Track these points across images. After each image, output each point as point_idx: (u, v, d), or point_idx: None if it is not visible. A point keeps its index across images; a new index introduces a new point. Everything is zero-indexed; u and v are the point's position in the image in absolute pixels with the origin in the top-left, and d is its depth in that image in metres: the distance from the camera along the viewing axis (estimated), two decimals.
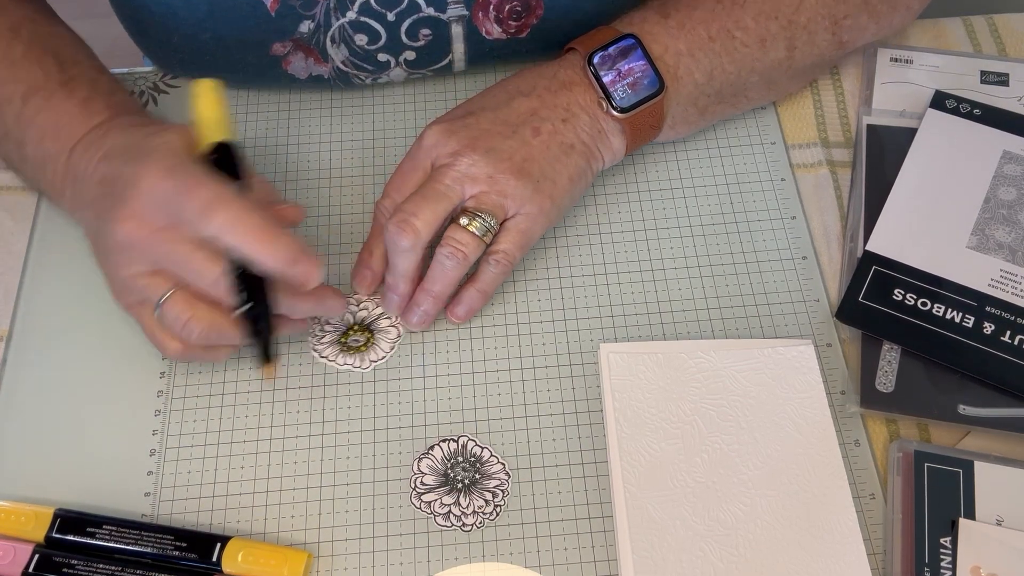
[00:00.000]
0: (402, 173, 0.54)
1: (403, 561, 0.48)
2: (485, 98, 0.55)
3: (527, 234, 0.53)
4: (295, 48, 0.58)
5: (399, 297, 0.53)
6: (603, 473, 0.50)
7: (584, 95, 0.55)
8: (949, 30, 0.66)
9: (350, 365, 0.53)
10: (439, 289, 0.53)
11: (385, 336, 0.54)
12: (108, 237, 0.47)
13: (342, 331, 0.54)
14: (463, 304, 0.54)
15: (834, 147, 0.61)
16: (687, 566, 0.47)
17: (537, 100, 0.54)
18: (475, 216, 0.51)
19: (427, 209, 0.51)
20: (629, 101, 0.54)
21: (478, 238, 0.52)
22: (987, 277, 0.54)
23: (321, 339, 0.54)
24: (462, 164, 0.51)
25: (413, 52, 0.59)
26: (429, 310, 0.53)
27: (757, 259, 0.57)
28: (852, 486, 0.49)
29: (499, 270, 0.53)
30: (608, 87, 0.54)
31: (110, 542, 0.47)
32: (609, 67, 0.54)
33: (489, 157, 0.52)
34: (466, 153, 0.52)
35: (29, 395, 0.53)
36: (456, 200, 0.52)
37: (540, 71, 0.56)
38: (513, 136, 0.53)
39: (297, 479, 0.50)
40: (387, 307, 0.54)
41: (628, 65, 0.54)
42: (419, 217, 0.51)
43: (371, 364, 0.53)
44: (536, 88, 0.55)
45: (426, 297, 0.53)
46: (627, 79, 0.54)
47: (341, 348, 0.54)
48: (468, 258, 0.52)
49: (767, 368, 0.52)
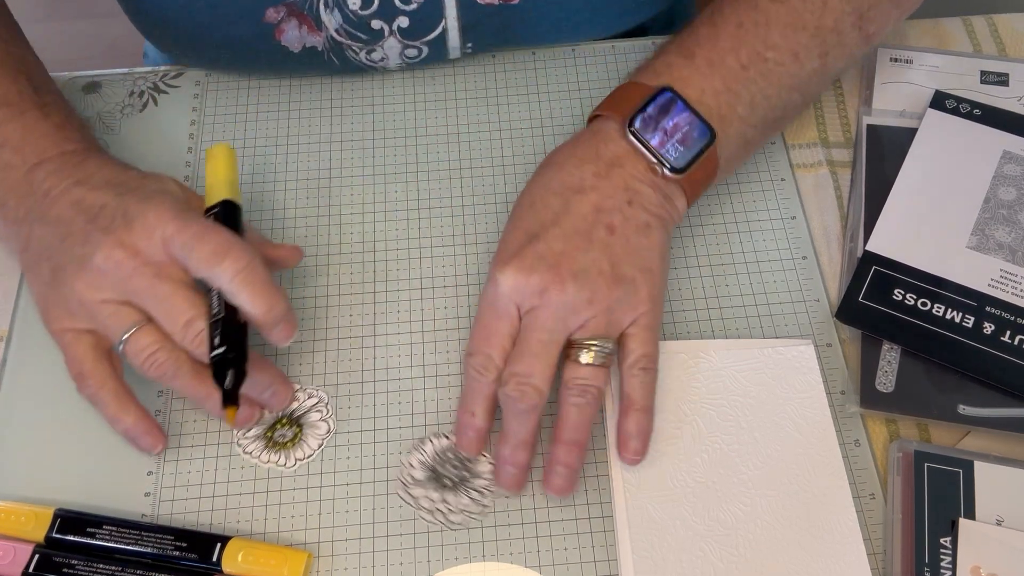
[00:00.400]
0: (486, 326, 0.49)
1: (403, 561, 0.48)
2: (537, 210, 0.50)
3: (654, 329, 0.49)
4: (288, 15, 0.57)
5: (519, 469, 0.48)
6: (603, 473, 0.50)
7: (636, 167, 0.51)
8: (949, 30, 0.66)
9: (273, 463, 0.51)
10: (578, 436, 0.48)
11: (314, 432, 0.51)
12: (85, 259, 0.47)
13: (269, 424, 0.52)
14: (635, 436, 0.49)
15: (834, 147, 0.61)
16: (687, 566, 0.47)
17: (595, 193, 0.50)
18: (589, 348, 0.48)
19: (540, 365, 0.47)
20: (685, 159, 0.51)
21: (601, 367, 0.48)
22: (987, 277, 0.54)
23: (246, 432, 0.51)
24: (555, 300, 0.47)
25: (406, 18, 0.59)
26: (573, 464, 0.48)
27: (757, 259, 0.57)
28: (852, 486, 0.49)
29: (649, 377, 0.49)
30: (658, 150, 0.50)
31: (110, 542, 0.47)
32: (653, 129, 0.50)
33: (579, 280, 0.47)
34: (554, 287, 0.47)
35: (29, 395, 0.53)
36: (562, 340, 0.48)
37: (579, 154, 0.52)
38: (591, 246, 0.48)
39: (297, 479, 0.50)
40: (504, 482, 0.49)
41: (672, 121, 0.51)
42: (536, 377, 0.47)
43: (296, 462, 0.51)
44: (586, 178, 0.50)
45: (569, 451, 0.48)
46: (675, 135, 0.50)
47: (267, 443, 0.51)
48: (600, 391, 0.48)
49: (767, 368, 0.52)
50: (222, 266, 0.46)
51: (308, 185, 0.60)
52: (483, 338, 0.49)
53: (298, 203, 0.59)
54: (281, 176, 0.60)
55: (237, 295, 0.46)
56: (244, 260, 0.46)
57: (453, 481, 0.50)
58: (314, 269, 0.57)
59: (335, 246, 0.58)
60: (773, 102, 0.54)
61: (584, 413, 0.48)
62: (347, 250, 0.57)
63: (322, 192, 0.60)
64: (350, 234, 0.58)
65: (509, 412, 0.48)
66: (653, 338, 0.49)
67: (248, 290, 0.46)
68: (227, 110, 0.63)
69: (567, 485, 0.48)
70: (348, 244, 0.58)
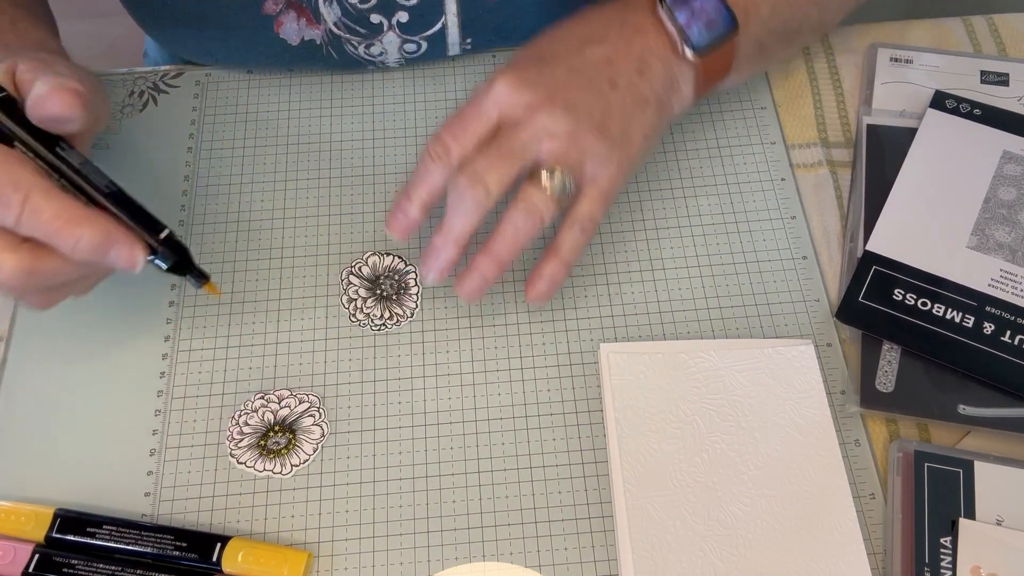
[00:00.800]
0: (462, 118, 0.49)
1: (403, 561, 0.48)
2: (554, 42, 0.51)
3: (609, 196, 0.50)
4: (287, 7, 0.57)
5: (443, 263, 0.49)
6: (603, 473, 0.50)
7: (657, 40, 0.51)
8: (949, 30, 0.66)
9: (269, 471, 0.50)
10: (506, 253, 0.48)
11: (308, 436, 0.51)
12: None
13: (262, 432, 0.51)
14: (546, 279, 0.50)
15: (834, 147, 0.61)
16: (687, 566, 0.47)
17: (611, 48, 0.50)
18: (553, 173, 0.48)
19: (501, 168, 0.47)
20: (706, 40, 0.51)
21: (555, 200, 0.48)
22: (987, 277, 0.54)
23: (239, 442, 0.51)
24: (541, 119, 0.48)
25: (406, 13, 0.59)
26: (489, 277, 0.49)
27: (757, 259, 0.57)
28: (852, 486, 0.49)
29: (585, 238, 0.50)
30: (683, 27, 0.51)
31: (110, 542, 0.47)
32: (682, 6, 0.51)
33: (569, 113, 0.48)
34: (544, 107, 0.48)
35: (29, 395, 0.53)
36: (531, 159, 0.48)
37: (606, 15, 0.52)
38: (590, 89, 0.49)
39: (297, 479, 0.50)
40: (426, 271, 0.49)
41: (701, 3, 0.51)
42: (491, 176, 0.46)
43: (292, 468, 0.50)
44: (608, 35, 0.51)
45: (490, 262, 0.48)
46: (701, 17, 0.51)
47: (260, 452, 0.51)
48: (544, 222, 0.48)
49: (767, 368, 0.52)
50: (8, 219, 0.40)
51: (308, 185, 0.60)
52: (453, 129, 0.49)
53: (298, 203, 0.59)
54: (281, 176, 0.60)
55: (44, 241, 0.41)
56: (29, 202, 0.40)
57: (388, 293, 0.52)
58: (314, 269, 0.57)
59: (335, 246, 0.58)
60: (794, 12, 0.56)
61: (519, 235, 0.48)
62: (347, 250, 0.57)
63: (322, 192, 0.60)
64: (350, 234, 0.58)
65: (453, 203, 0.48)
66: (604, 204, 0.50)
67: (49, 235, 0.40)
68: (227, 110, 0.63)
69: (477, 293, 0.49)
70: (348, 244, 0.58)
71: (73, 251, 0.41)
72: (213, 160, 0.61)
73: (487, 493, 0.50)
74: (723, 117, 0.63)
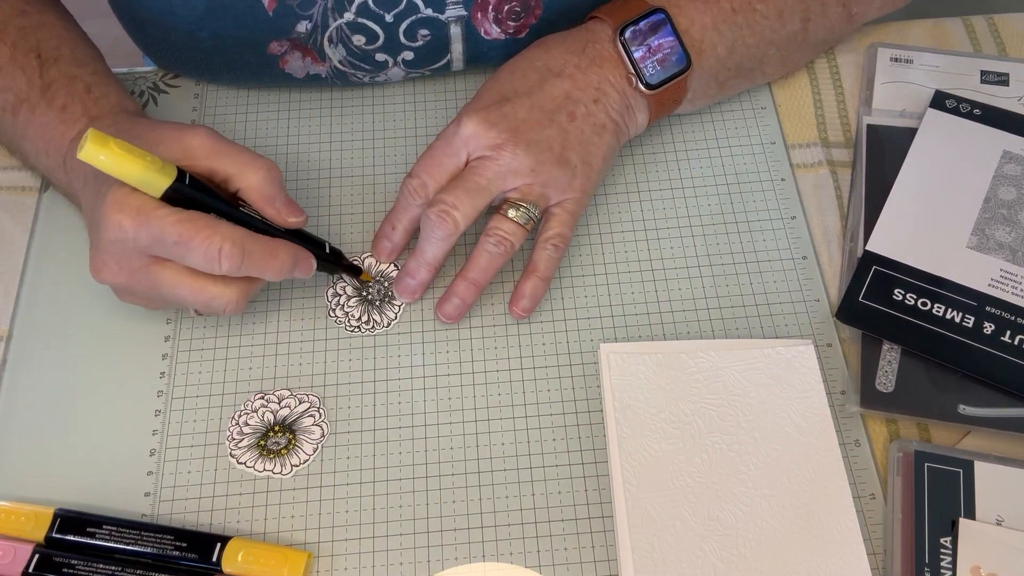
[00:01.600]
0: (435, 156, 0.53)
1: (403, 561, 0.48)
2: (515, 78, 0.55)
3: (575, 215, 0.54)
4: (292, 48, 0.58)
5: (418, 283, 0.54)
6: (603, 473, 0.50)
7: (614, 71, 0.55)
8: (949, 30, 0.66)
9: (269, 471, 0.51)
10: (482, 278, 0.53)
11: (308, 436, 0.51)
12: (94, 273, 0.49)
13: (262, 432, 0.52)
14: (527, 296, 0.54)
15: (834, 147, 0.61)
16: (687, 566, 0.47)
17: (569, 81, 0.54)
18: (519, 207, 0.52)
19: (468, 203, 0.51)
20: (658, 78, 0.55)
21: (522, 227, 0.53)
22: (987, 277, 0.54)
23: (239, 443, 0.51)
24: (504, 158, 0.52)
25: (411, 52, 0.59)
26: (468, 299, 0.54)
27: (757, 259, 0.57)
28: (852, 486, 0.49)
29: (558, 254, 0.54)
30: (639, 63, 0.54)
31: (110, 542, 0.47)
32: (640, 42, 0.54)
33: (531, 150, 0.52)
34: (507, 147, 0.52)
35: (29, 395, 0.53)
36: (496, 192, 0.52)
37: (567, 44, 0.56)
38: (551, 124, 0.53)
39: (297, 479, 0.50)
40: (401, 292, 0.55)
41: (658, 41, 0.55)
42: (460, 210, 0.51)
43: (292, 469, 0.51)
44: (566, 67, 0.55)
45: (467, 286, 0.53)
46: (656, 55, 0.55)
47: (260, 452, 0.51)
48: (514, 247, 0.53)
49: (767, 368, 0.52)
50: (191, 249, 0.46)
51: (308, 185, 0.60)
52: (427, 166, 0.53)
53: (299, 203, 0.59)
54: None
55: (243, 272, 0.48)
56: (224, 240, 0.46)
57: (373, 298, 0.55)
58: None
59: (335, 246, 0.58)
60: (751, 51, 0.58)
61: (494, 261, 0.53)
62: (347, 250, 0.57)
63: (322, 192, 0.60)
64: (350, 234, 0.58)
65: (426, 233, 0.53)
66: (572, 222, 0.54)
67: (247, 268, 0.48)
68: (227, 110, 0.63)
69: (456, 314, 0.54)
70: (348, 244, 0.58)
71: (277, 274, 0.49)
72: None
73: (487, 493, 0.50)
74: (723, 117, 0.63)
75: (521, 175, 0.52)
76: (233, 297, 0.49)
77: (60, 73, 0.54)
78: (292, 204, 0.50)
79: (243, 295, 0.50)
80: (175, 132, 0.49)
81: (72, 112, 0.53)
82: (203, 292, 0.48)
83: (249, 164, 0.49)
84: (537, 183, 0.53)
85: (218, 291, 0.48)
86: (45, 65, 0.54)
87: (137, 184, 0.46)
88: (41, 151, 0.54)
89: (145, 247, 0.46)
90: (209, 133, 0.49)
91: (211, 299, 0.48)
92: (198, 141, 0.48)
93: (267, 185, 0.49)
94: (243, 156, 0.49)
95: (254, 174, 0.49)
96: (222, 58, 0.59)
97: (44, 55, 0.54)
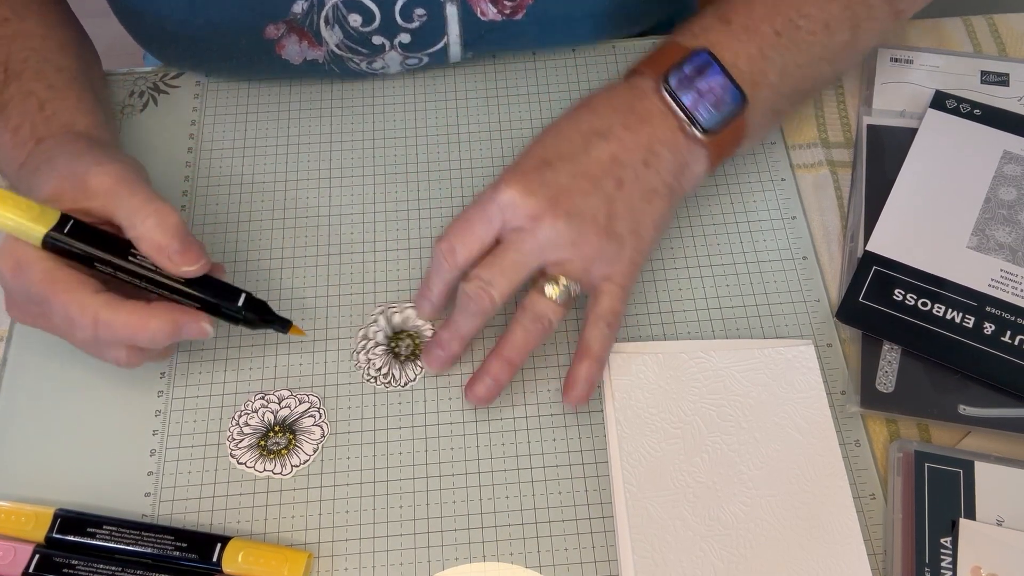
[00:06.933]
0: (469, 222, 0.50)
1: (403, 561, 0.48)
2: (559, 141, 0.51)
3: (626, 289, 0.51)
4: (288, 31, 0.57)
5: (447, 356, 0.51)
6: (603, 473, 0.50)
7: (664, 125, 0.51)
8: (949, 30, 0.66)
9: (269, 472, 0.50)
10: (517, 357, 0.50)
11: (308, 437, 0.51)
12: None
13: (262, 432, 0.51)
14: (582, 381, 0.50)
15: (834, 147, 0.61)
16: (687, 566, 0.47)
17: (616, 143, 0.50)
18: (556, 283, 0.49)
19: (504, 281, 0.48)
20: (715, 121, 0.51)
21: (561, 307, 0.49)
22: (987, 277, 0.54)
23: (239, 443, 0.51)
24: (542, 230, 0.48)
25: (408, 34, 0.59)
26: (501, 379, 0.50)
27: (757, 259, 0.57)
28: (852, 486, 0.49)
29: (612, 331, 0.50)
30: (690, 110, 0.51)
31: (110, 542, 0.47)
32: (687, 88, 0.51)
33: (572, 221, 0.48)
34: (546, 217, 0.48)
35: (29, 395, 0.53)
36: (534, 266, 0.49)
37: (612, 103, 0.52)
38: (595, 192, 0.49)
39: (297, 479, 0.50)
40: (430, 362, 0.52)
41: (707, 83, 0.51)
42: (496, 288, 0.48)
43: (292, 469, 0.50)
44: (613, 127, 0.51)
45: (502, 365, 0.50)
46: (708, 98, 0.51)
47: (261, 452, 0.51)
48: (552, 325, 0.50)
49: (767, 368, 0.52)
50: (83, 336, 0.46)
51: (308, 185, 0.60)
52: (460, 231, 0.50)
53: (298, 203, 0.59)
54: (281, 176, 0.60)
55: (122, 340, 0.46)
56: (96, 316, 0.45)
57: (403, 354, 0.53)
58: (314, 269, 0.57)
59: (335, 246, 0.58)
60: (804, 71, 0.54)
61: (530, 338, 0.50)
62: (347, 250, 0.57)
63: (322, 192, 0.60)
64: (350, 234, 0.58)
65: (461, 306, 0.50)
66: (624, 297, 0.51)
67: (125, 336, 0.46)
68: (227, 110, 0.63)
69: (488, 396, 0.50)
70: (348, 244, 0.58)
71: (152, 342, 0.46)
72: (213, 160, 0.61)
73: (487, 493, 0.50)
74: None
75: (560, 248, 0.49)
76: (122, 354, 0.47)
77: (19, 90, 0.53)
78: (189, 251, 0.46)
79: (133, 353, 0.47)
80: (85, 168, 0.47)
81: (22, 134, 0.52)
82: (94, 346, 0.47)
83: (138, 211, 0.45)
84: (578, 257, 0.49)
85: (107, 346, 0.46)
86: (8, 81, 0.53)
87: (14, 232, 0.45)
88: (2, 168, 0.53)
89: (27, 298, 0.46)
90: (115, 172, 0.46)
91: (101, 353, 0.47)
92: (97, 182, 0.46)
93: (157, 233, 0.45)
94: (134, 201, 0.46)
95: (141, 223, 0.45)
96: (218, 47, 0.58)
97: (10, 69, 0.53)
